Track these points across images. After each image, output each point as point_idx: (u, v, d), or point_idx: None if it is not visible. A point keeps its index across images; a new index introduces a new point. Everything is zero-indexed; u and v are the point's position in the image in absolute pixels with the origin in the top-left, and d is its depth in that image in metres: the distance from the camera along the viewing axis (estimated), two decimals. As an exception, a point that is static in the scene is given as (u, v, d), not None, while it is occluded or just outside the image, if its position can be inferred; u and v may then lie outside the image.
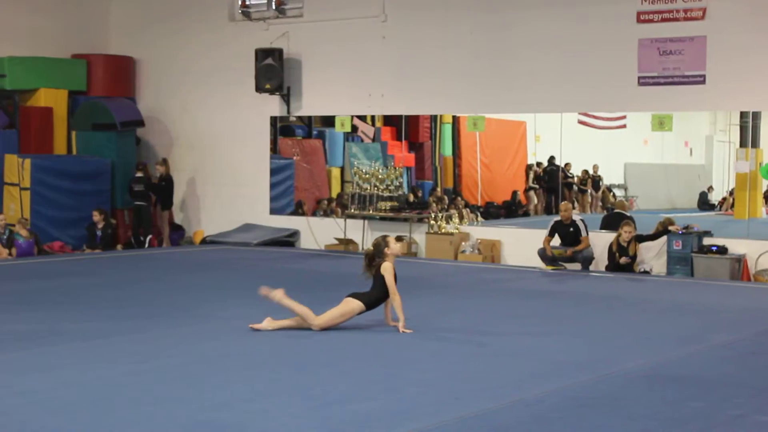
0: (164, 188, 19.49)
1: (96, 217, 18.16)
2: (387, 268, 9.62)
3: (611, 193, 19.98)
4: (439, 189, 19.48)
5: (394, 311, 9.67)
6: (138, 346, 8.92)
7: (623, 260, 14.65)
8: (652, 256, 15.14)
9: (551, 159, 19.42)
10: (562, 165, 19.25)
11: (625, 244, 14.69)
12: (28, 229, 17.24)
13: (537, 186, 19.93)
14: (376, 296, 9.68)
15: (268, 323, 9.57)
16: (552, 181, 19.59)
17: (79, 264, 15.93)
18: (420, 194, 19.26)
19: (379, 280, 9.65)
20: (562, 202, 16.45)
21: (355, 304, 9.64)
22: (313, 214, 19.08)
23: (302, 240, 18.86)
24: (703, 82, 14.93)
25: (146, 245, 18.95)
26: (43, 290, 12.66)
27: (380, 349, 8.90)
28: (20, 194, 18.09)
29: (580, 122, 18.41)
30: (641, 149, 20.72)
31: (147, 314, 10.67)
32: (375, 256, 9.74)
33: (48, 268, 15.20)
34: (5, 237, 16.77)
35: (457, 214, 17.56)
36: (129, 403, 6.80)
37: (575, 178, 19.64)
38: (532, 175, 19.93)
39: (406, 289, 9.82)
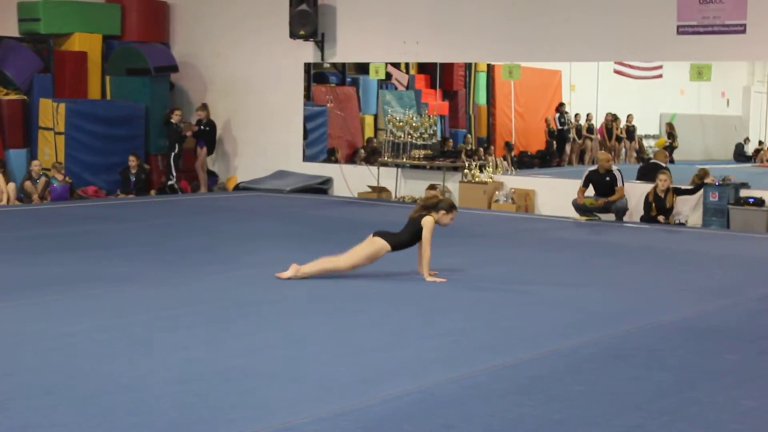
0: (207, 133, 19.45)
1: (132, 162, 18.23)
2: (428, 223, 9.55)
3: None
4: (472, 141, 19.50)
5: None
6: (172, 291, 8.95)
7: (661, 219, 14.57)
8: (689, 208, 15.01)
9: (559, 107, 19.69)
10: (573, 115, 19.62)
11: (662, 194, 14.58)
12: (63, 174, 17.33)
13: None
14: (405, 239, 9.62)
15: (293, 271, 9.49)
16: (559, 131, 19.95)
17: (113, 209, 15.99)
18: (451, 143, 19.23)
19: (415, 227, 9.60)
20: (601, 152, 16.32)
21: (382, 244, 9.55)
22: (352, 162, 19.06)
23: (335, 187, 18.84)
24: (744, 31, 14.68)
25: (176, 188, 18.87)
26: (77, 234, 12.73)
27: (413, 297, 8.89)
28: (55, 139, 18.15)
29: (616, 72, 18.26)
30: (677, 99, 20.55)
31: (181, 260, 10.70)
32: (432, 206, 9.65)
33: (82, 212, 15.27)
34: (38, 181, 16.86)
35: (490, 164, 17.46)
36: (163, 347, 6.83)
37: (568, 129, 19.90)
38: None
39: (438, 238, 9.78)
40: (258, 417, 5.38)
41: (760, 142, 19.63)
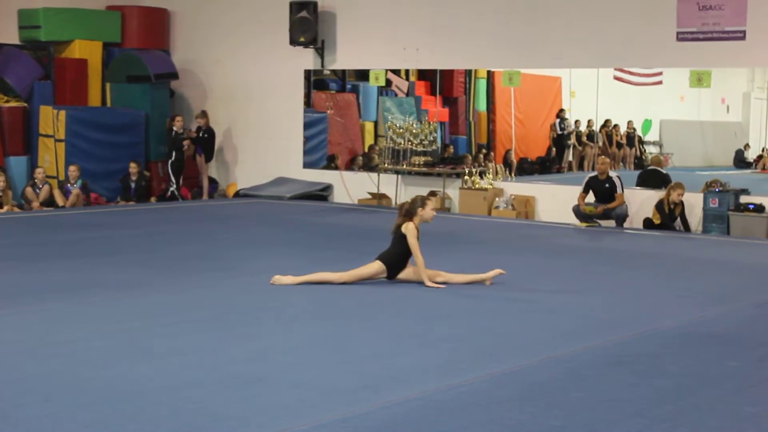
0: (206, 140, 19.45)
1: (133, 169, 18.23)
2: (409, 229, 9.48)
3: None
4: (474, 149, 19.54)
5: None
6: (173, 298, 8.95)
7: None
8: (694, 216, 15.00)
9: (559, 113, 19.71)
10: (573, 122, 19.65)
11: (672, 206, 14.58)
12: (79, 175, 17.48)
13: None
14: (397, 257, 9.56)
15: (289, 279, 9.48)
16: (559, 137, 19.98)
17: (114, 216, 15.99)
18: (452, 150, 19.23)
19: (399, 239, 9.55)
20: (600, 156, 16.32)
21: (378, 268, 9.54)
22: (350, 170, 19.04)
23: (335, 194, 18.84)
24: (743, 38, 14.70)
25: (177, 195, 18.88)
26: (78, 241, 12.73)
27: (414, 304, 8.88)
28: (55, 146, 18.16)
29: (616, 78, 18.23)
30: (677, 106, 20.53)
31: (181, 267, 10.70)
32: (408, 212, 9.61)
33: (82, 219, 15.27)
34: (39, 189, 16.88)
35: (490, 170, 17.46)
36: (164, 354, 6.83)
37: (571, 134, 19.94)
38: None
39: (438, 245, 9.79)
40: (258, 423, 5.38)
41: (764, 149, 19.59)
